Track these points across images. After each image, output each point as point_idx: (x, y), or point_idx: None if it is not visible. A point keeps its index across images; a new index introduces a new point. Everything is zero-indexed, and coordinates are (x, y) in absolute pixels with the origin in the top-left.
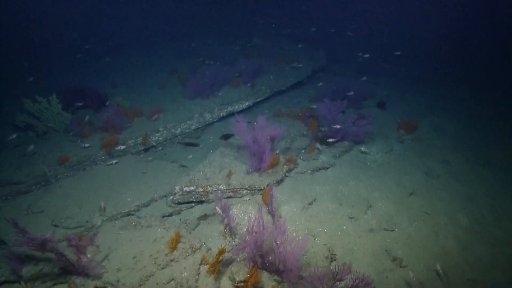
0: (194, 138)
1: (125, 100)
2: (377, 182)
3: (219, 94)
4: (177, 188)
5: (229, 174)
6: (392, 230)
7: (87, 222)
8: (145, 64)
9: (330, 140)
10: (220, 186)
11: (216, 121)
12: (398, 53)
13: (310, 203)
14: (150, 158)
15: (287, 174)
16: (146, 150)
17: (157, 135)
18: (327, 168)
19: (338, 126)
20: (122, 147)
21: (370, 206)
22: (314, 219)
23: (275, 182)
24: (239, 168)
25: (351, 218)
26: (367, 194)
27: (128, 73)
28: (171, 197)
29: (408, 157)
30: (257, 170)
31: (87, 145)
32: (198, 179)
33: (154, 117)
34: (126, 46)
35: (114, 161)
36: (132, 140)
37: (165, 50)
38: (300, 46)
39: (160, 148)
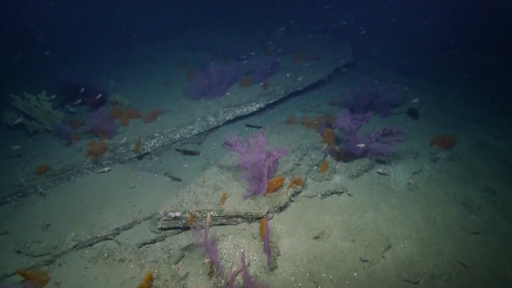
0: (195, 144)
1: (124, 97)
2: (400, 214)
3: (227, 94)
4: (160, 212)
5: (223, 198)
6: (416, 283)
7: (55, 248)
8: (155, 56)
9: (347, 158)
10: (211, 213)
11: (221, 125)
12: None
13: (317, 237)
14: (141, 165)
15: (292, 198)
16: (140, 157)
17: (152, 141)
18: (341, 192)
19: (360, 145)
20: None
21: (389, 247)
22: (319, 261)
23: (276, 209)
24: (236, 190)
25: (365, 261)
26: (386, 230)
27: (136, 65)
28: (156, 221)
29: (441, 182)
30: (256, 193)
31: (78, 147)
32: (186, 203)
33: (151, 121)
34: (141, 36)
35: (106, 169)
36: (124, 147)
37: (178, 40)
38: (325, 39)
39: (155, 156)
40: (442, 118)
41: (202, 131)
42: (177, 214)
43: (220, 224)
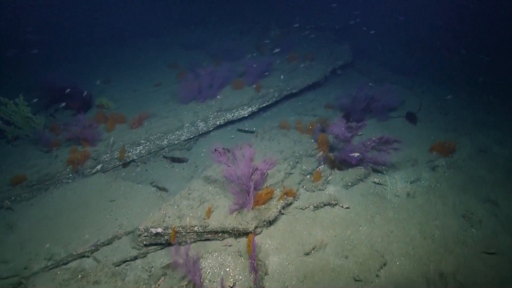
0: (184, 149)
1: (111, 101)
2: (396, 228)
3: (218, 97)
4: (141, 228)
5: (208, 212)
6: None
7: (25, 269)
8: (147, 55)
9: (342, 167)
10: (195, 228)
11: (212, 130)
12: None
13: (308, 254)
14: (124, 174)
15: (282, 211)
16: (124, 165)
17: (138, 148)
18: (334, 204)
19: (354, 155)
20: (98, 166)
21: (385, 264)
22: (309, 280)
23: (265, 223)
24: (223, 202)
25: (358, 280)
26: (382, 246)
27: (127, 65)
28: (137, 237)
29: (440, 192)
30: (243, 207)
31: (54, 155)
32: (169, 217)
33: (137, 126)
34: (134, 33)
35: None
36: (108, 155)
37: (171, 39)
38: (323, 38)
39: (141, 163)
40: (442, 122)
41: (192, 136)
42: (159, 230)
43: (206, 240)
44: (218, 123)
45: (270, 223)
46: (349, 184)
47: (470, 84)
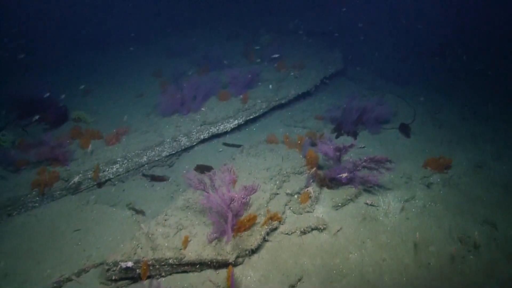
0: (166, 166)
1: (89, 114)
2: (389, 256)
3: (203, 109)
4: (109, 262)
5: (185, 242)
6: None
7: None
8: (131, 62)
9: (331, 185)
10: (170, 261)
11: (196, 144)
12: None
13: (293, 286)
14: (93, 197)
15: (267, 237)
16: (100, 185)
17: (115, 166)
18: (322, 229)
19: (342, 175)
20: (73, 181)
21: None
22: None
23: (247, 252)
24: (203, 229)
25: None
26: (373, 277)
27: (110, 73)
28: (105, 271)
29: (435, 213)
30: (224, 235)
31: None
32: (142, 248)
33: (115, 143)
34: (118, 38)
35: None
36: (80, 175)
37: (157, 45)
38: (313, 45)
39: (117, 182)
40: (437, 135)
41: (174, 152)
42: (129, 264)
43: (182, 272)
44: (202, 137)
45: (253, 251)
46: (339, 204)
47: (465, 92)
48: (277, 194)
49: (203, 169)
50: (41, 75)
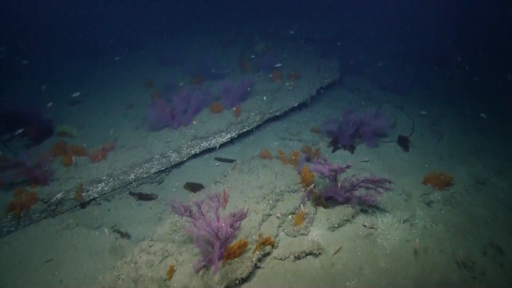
0: (155, 183)
1: (75, 128)
2: (389, 285)
3: (194, 122)
4: None
5: (170, 271)
6: None
7: None
8: (123, 71)
9: (327, 204)
10: None
11: (186, 160)
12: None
13: None
14: (72, 221)
15: (258, 264)
16: (83, 205)
17: (100, 185)
18: (318, 254)
19: (340, 195)
20: (53, 199)
21: None
22: None
23: (237, 281)
24: (190, 256)
25: None
26: None
27: (100, 83)
28: None
29: (437, 234)
30: (212, 263)
31: None
32: (123, 279)
33: (100, 160)
34: (111, 45)
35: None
36: (61, 194)
37: (150, 52)
38: (310, 53)
39: (102, 201)
40: (436, 148)
41: (163, 168)
42: None
43: None
44: (193, 152)
45: (244, 280)
46: (335, 225)
47: (465, 102)
48: (270, 215)
49: (193, 187)
50: (28, 83)
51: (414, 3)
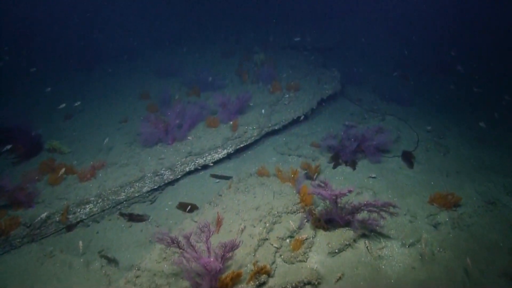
0: (147, 202)
1: (68, 142)
2: None
3: (189, 138)
4: None
5: None
6: None
7: None
8: (118, 82)
9: (328, 226)
10: None
11: (181, 177)
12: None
13: None
14: (53, 248)
15: None
16: (70, 228)
17: (88, 206)
18: (317, 284)
19: (341, 217)
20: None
21: None
22: None
23: None
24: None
25: None
26: None
27: (95, 95)
28: None
29: (445, 262)
30: None
31: None
32: None
33: (89, 178)
34: (106, 56)
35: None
36: (45, 214)
37: (147, 62)
38: (311, 63)
39: (91, 223)
40: (442, 163)
41: (156, 187)
42: None
43: None
44: (187, 169)
45: None
46: (336, 251)
47: (473, 114)
48: (267, 239)
49: (186, 207)
50: (22, 96)
51: (419, 10)
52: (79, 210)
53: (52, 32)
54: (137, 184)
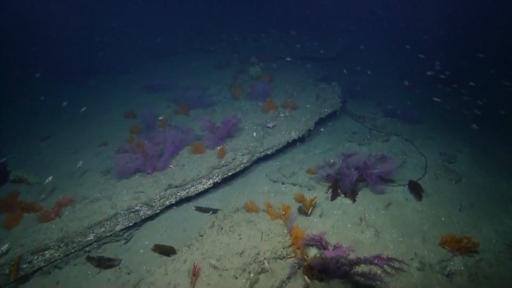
0: (121, 240)
1: (38, 170)
2: None
3: (171, 166)
4: None
5: None
6: None
7: None
8: (105, 97)
9: (322, 277)
10: None
11: (160, 211)
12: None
13: None
14: None
15: None
16: (23, 279)
17: (47, 253)
18: None
19: (338, 268)
20: None
21: None
22: None
23: None
24: None
25: None
26: None
27: (75, 114)
28: None
29: None
30: None
31: None
32: None
33: (52, 218)
34: (96, 68)
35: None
36: None
37: (137, 74)
38: (310, 77)
39: (52, 270)
40: (454, 194)
41: (131, 224)
42: None
43: None
44: (167, 203)
45: None
46: None
47: (482, 133)
48: None
49: (162, 250)
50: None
51: (423, 18)
52: (36, 258)
53: (48, 42)
54: (108, 223)
